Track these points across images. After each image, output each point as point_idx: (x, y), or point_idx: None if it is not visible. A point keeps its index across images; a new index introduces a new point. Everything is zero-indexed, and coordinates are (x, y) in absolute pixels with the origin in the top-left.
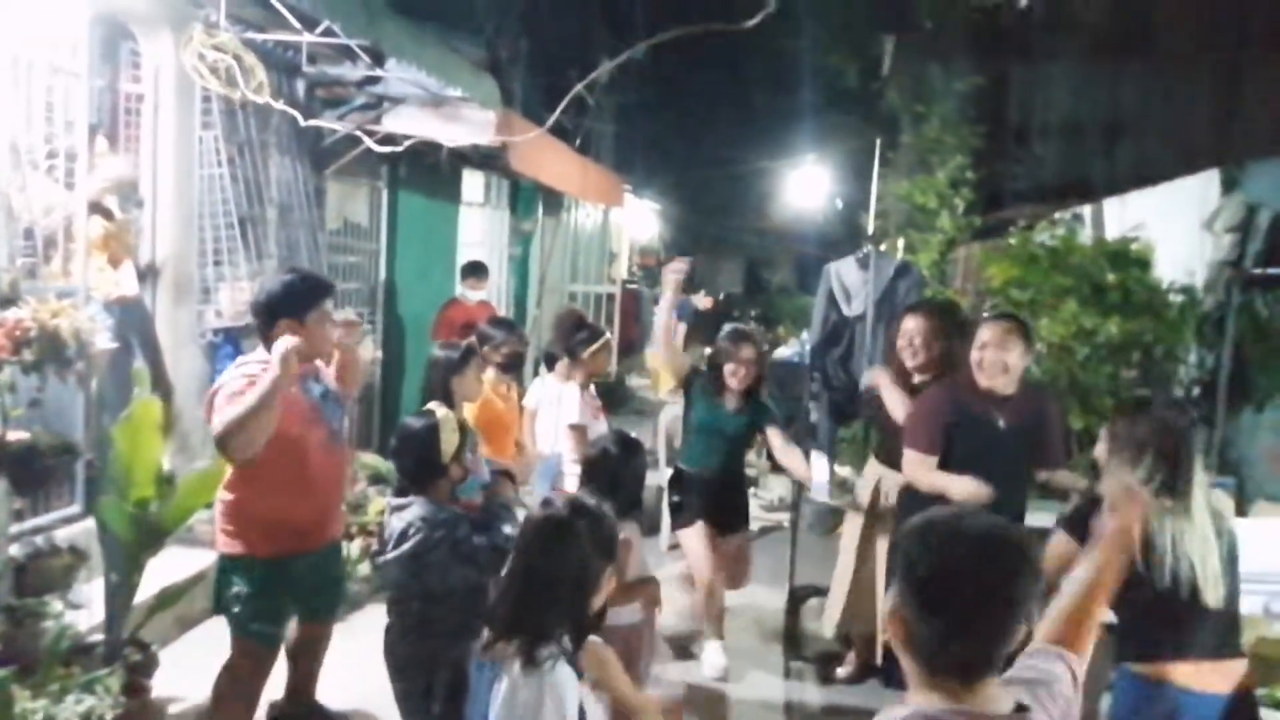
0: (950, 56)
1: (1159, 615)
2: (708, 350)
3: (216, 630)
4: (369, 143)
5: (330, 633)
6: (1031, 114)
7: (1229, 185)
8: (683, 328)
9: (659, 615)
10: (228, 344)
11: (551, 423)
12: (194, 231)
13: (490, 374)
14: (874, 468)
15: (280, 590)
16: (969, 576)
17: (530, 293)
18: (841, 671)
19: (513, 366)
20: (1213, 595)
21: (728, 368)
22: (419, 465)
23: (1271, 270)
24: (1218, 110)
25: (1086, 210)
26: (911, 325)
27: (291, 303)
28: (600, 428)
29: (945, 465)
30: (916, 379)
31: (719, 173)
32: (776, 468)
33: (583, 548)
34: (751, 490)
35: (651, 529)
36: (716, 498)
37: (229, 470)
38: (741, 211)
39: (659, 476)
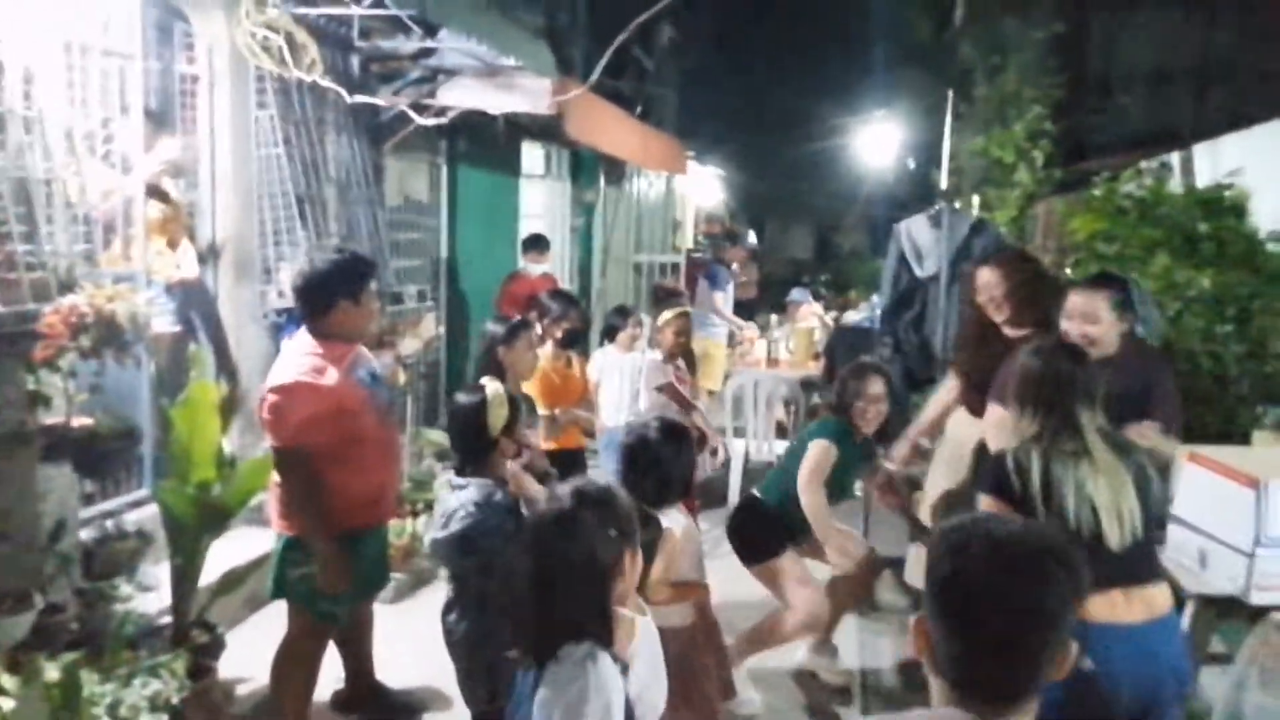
0: (1026, 4)
1: None
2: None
3: (282, 612)
4: (418, 119)
5: (373, 612)
6: (1112, 61)
7: None
8: (719, 296)
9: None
10: (291, 323)
11: (615, 393)
12: (253, 212)
13: (549, 348)
14: (963, 422)
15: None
16: (993, 585)
17: (594, 264)
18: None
19: (572, 341)
20: (1116, 535)
21: (857, 407)
22: (468, 441)
23: None
24: None
25: (1174, 159)
26: (988, 278)
27: (348, 281)
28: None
29: None
30: (1010, 332)
31: (785, 136)
32: None
33: (591, 536)
34: None
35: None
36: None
37: None
38: (809, 175)
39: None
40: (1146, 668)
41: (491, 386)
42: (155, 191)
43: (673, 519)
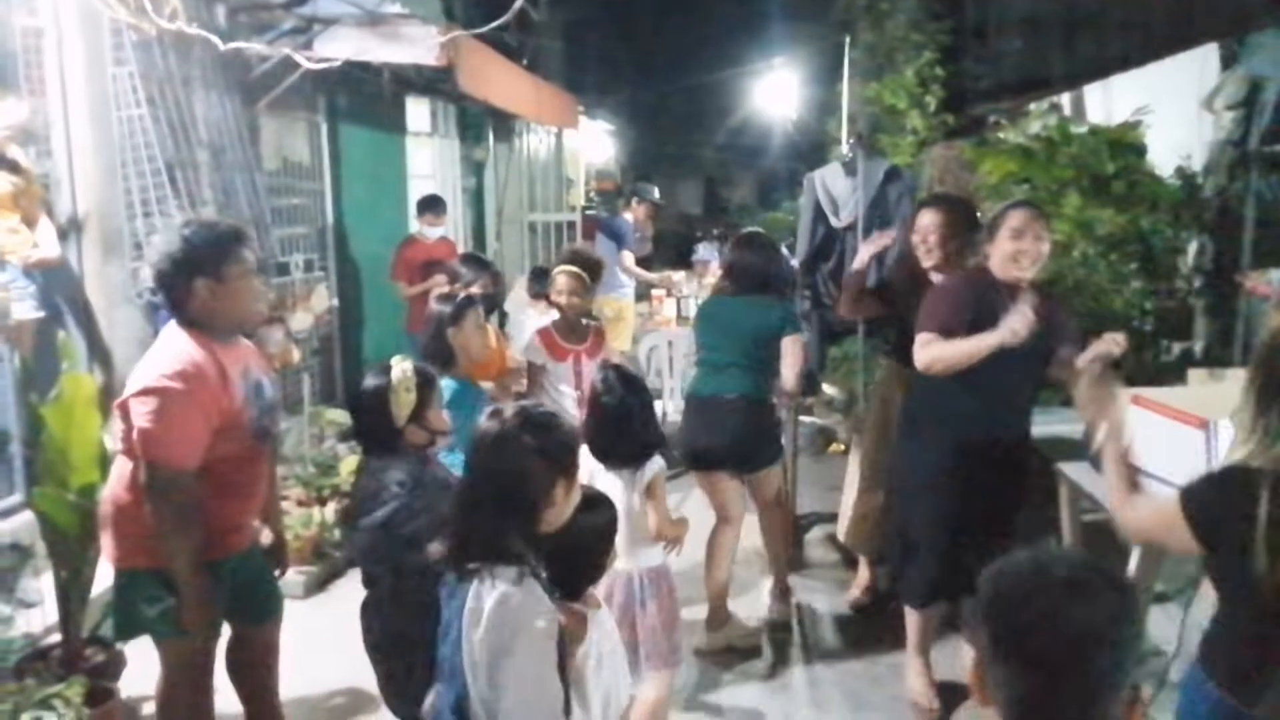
0: None
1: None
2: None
3: None
4: (305, 63)
5: (276, 639)
6: (991, 7)
7: (1228, 61)
8: (629, 255)
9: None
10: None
11: None
12: (118, 180)
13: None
14: (889, 370)
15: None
16: (1052, 619)
17: (488, 225)
18: (851, 596)
19: (487, 308)
20: None
21: None
22: (372, 429)
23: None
24: None
25: (1065, 100)
26: (928, 220)
27: (206, 257)
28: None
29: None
30: (934, 277)
31: (674, 87)
32: None
33: (525, 457)
34: None
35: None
36: None
37: (126, 472)
38: (699, 128)
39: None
40: None
41: (398, 368)
42: (3, 161)
43: (652, 465)
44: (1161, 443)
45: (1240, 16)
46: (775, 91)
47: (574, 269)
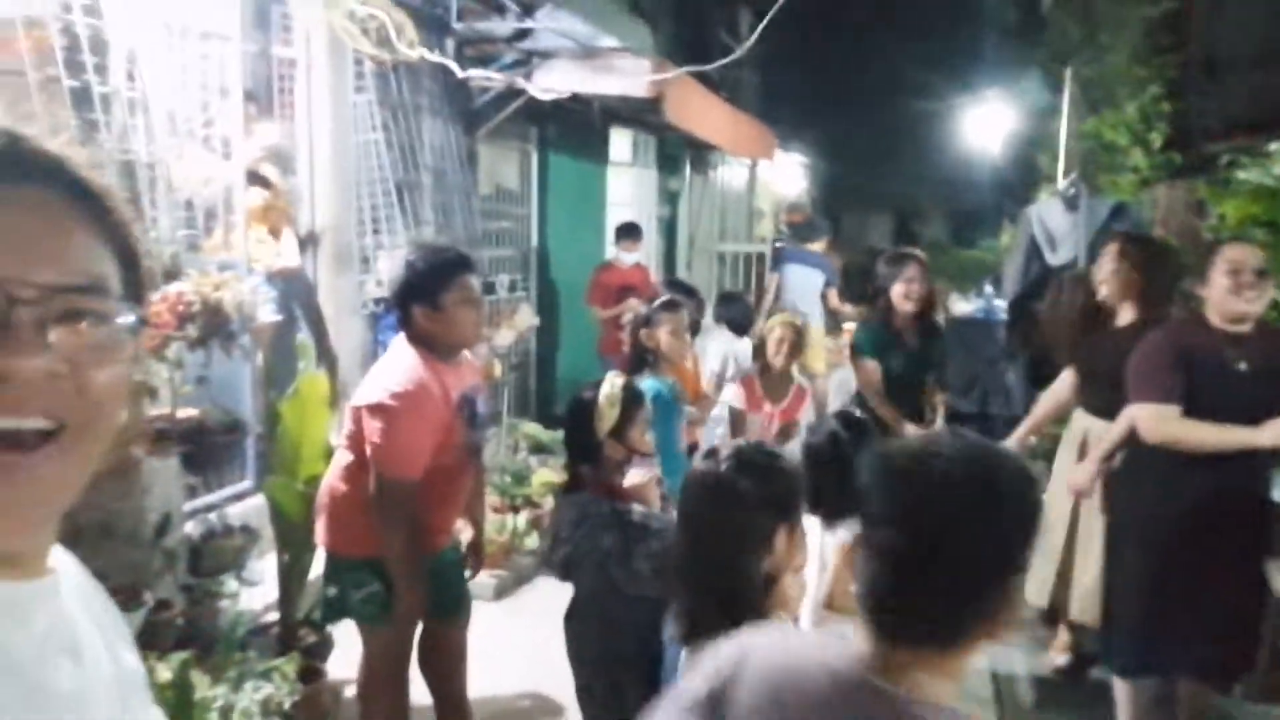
0: None
1: None
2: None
3: None
4: (531, 89)
5: (465, 636)
6: (1218, 39)
7: None
8: (834, 292)
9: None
10: (389, 314)
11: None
12: (352, 199)
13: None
14: (1081, 419)
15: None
16: (901, 501)
17: (679, 254)
18: (1057, 660)
19: (691, 333)
20: None
21: (896, 290)
22: (575, 441)
23: None
24: None
25: None
26: (1112, 260)
27: (423, 285)
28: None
29: None
30: (1124, 321)
31: (867, 121)
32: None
33: (745, 502)
34: None
35: None
36: None
37: (346, 465)
38: (891, 161)
39: None
40: None
41: (608, 384)
42: (256, 178)
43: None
44: None
45: None
46: (977, 125)
47: (794, 320)
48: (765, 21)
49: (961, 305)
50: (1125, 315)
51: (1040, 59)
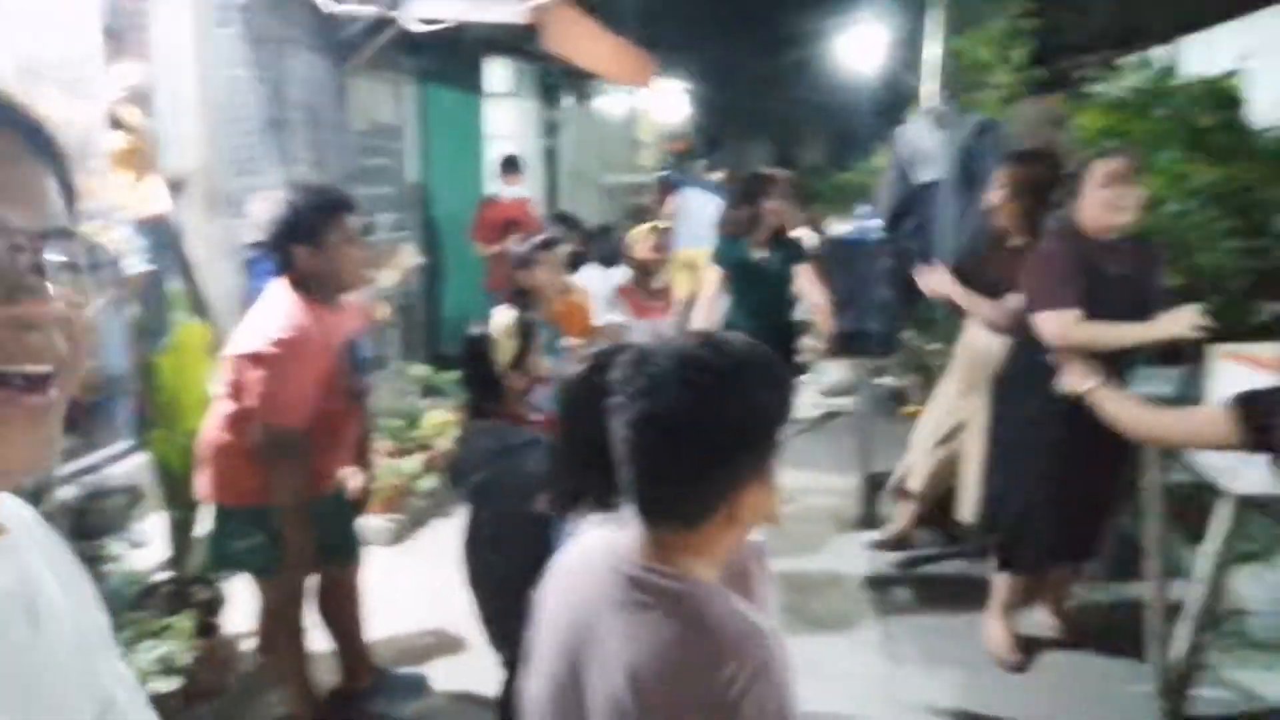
0: None
1: None
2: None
3: None
4: (402, 20)
5: (357, 580)
6: None
7: None
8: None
9: None
10: (264, 258)
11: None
12: (219, 139)
13: None
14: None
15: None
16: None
17: (562, 186)
18: (880, 535)
19: (573, 264)
20: None
21: (767, 205)
22: (475, 378)
23: None
24: None
25: (1162, 54)
26: (1008, 176)
27: (307, 224)
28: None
29: None
30: (1018, 239)
31: (749, 44)
32: (832, 351)
33: (609, 392)
34: (802, 377)
35: None
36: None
37: (225, 414)
38: (775, 86)
39: None
40: None
41: (499, 317)
42: (118, 121)
43: None
44: None
45: None
46: (853, 47)
47: (658, 225)
48: None
49: (838, 227)
50: (1019, 235)
51: None
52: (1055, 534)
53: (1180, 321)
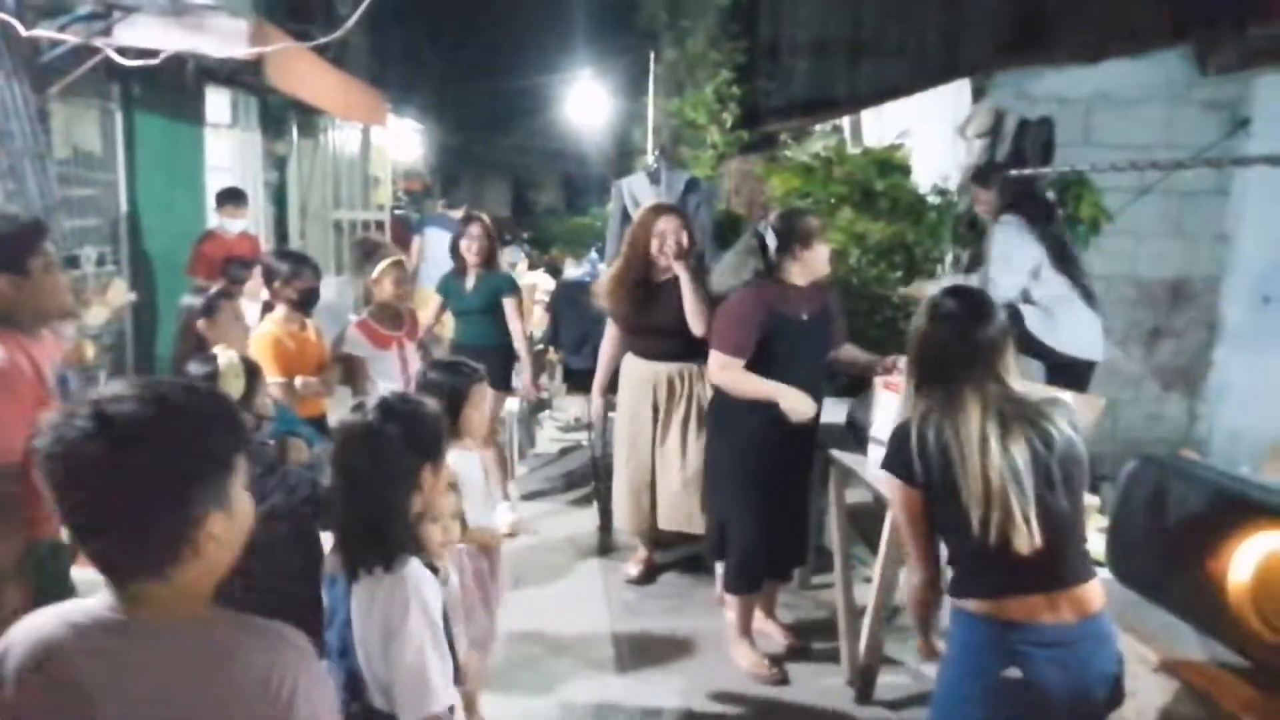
0: None
1: (968, 554)
2: None
3: None
4: (115, 56)
5: None
6: (781, 30)
7: (978, 94)
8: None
9: None
10: None
11: None
12: None
13: (280, 312)
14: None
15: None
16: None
17: (291, 221)
18: (631, 571)
19: (306, 303)
20: (1024, 537)
21: (463, 244)
22: None
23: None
24: (951, 27)
25: (846, 122)
26: (665, 225)
27: (5, 252)
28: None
29: (758, 364)
30: (662, 278)
31: (482, 88)
32: (573, 387)
33: (390, 448)
34: (547, 412)
35: None
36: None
37: None
38: (508, 131)
39: None
40: (1075, 673)
41: (225, 356)
42: None
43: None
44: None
45: (992, 54)
46: (584, 99)
47: (399, 259)
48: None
49: (571, 269)
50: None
51: (632, 41)
52: (760, 556)
53: (793, 399)
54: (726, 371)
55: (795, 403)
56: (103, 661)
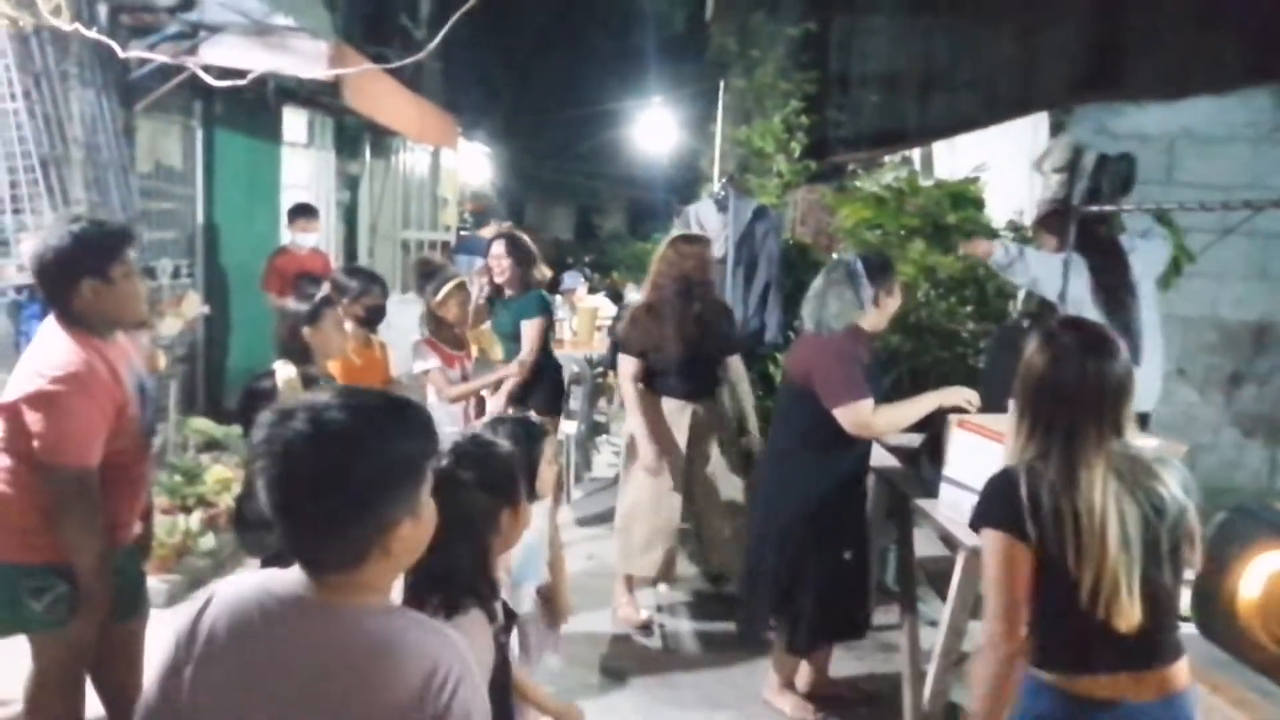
0: (773, 1)
1: (1062, 624)
2: None
3: None
4: (202, 74)
5: (143, 637)
6: (851, 61)
7: (1056, 129)
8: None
9: None
10: (34, 302)
11: None
12: None
13: (349, 328)
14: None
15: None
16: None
17: (361, 240)
18: (634, 617)
19: (373, 320)
20: (1127, 613)
21: (490, 263)
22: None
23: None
24: (1026, 60)
25: (916, 154)
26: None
27: (92, 256)
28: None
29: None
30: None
31: (552, 115)
32: None
33: (468, 494)
34: (604, 436)
35: None
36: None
37: (4, 468)
38: (576, 156)
39: None
40: None
41: (283, 372)
42: None
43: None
44: (981, 461)
45: (1068, 89)
46: (651, 126)
47: (463, 280)
48: (450, 23)
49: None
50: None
51: (702, 70)
52: (838, 610)
53: (954, 396)
54: (877, 416)
55: (961, 394)
56: (286, 630)
